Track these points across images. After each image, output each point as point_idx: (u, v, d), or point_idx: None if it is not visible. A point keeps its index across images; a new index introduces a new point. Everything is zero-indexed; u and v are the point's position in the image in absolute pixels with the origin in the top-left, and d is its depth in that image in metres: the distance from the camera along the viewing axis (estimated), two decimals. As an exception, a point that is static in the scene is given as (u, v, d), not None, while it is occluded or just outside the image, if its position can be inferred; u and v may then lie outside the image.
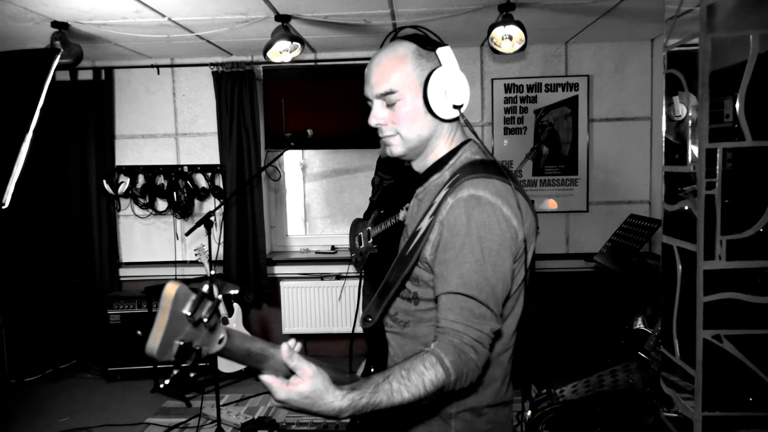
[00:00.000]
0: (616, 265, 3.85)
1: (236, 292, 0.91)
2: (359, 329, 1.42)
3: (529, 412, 2.93)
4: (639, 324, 3.52)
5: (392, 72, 1.33)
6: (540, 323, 4.10)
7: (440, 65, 1.33)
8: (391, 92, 1.33)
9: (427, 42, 1.35)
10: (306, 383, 1.09)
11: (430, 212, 1.28)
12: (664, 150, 2.78)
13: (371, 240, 3.82)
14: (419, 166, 1.45)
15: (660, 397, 2.76)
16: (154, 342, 0.83)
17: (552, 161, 4.73)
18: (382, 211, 3.77)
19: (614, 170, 4.75)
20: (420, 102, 1.33)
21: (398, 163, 4.10)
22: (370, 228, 3.84)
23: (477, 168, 1.29)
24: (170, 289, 0.84)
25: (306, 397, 1.09)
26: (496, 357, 1.32)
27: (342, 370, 1.25)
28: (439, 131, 1.38)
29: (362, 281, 4.03)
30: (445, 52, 1.34)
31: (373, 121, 1.39)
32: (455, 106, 1.34)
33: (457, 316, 1.19)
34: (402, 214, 3.37)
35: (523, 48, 3.63)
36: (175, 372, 0.89)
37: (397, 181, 3.82)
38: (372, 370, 1.39)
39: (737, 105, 2.34)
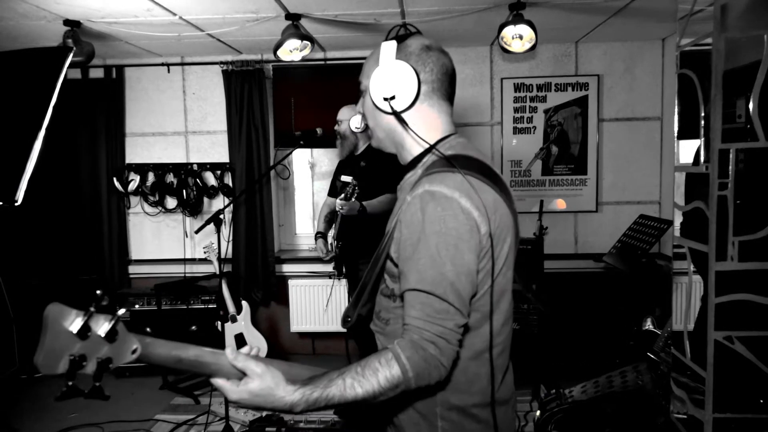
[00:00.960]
0: (625, 266, 3.84)
1: (120, 312, 0.94)
2: (313, 328, 1.44)
3: (538, 412, 2.92)
4: (648, 325, 3.51)
5: (365, 67, 1.44)
6: (549, 323, 4.08)
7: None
8: (361, 85, 1.45)
9: (403, 39, 1.39)
10: (255, 381, 1.14)
11: (397, 211, 1.30)
12: (675, 150, 2.77)
13: (333, 242, 3.89)
14: (402, 161, 1.46)
15: (670, 398, 2.75)
16: (37, 358, 0.90)
17: (561, 161, 4.72)
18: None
19: (624, 170, 4.73)
20: None
21: (351, 163, 4.04)
22: (331, 231, 3.93)
23: (443, 163, 1.28)
24: (48, 311, 0.90)
25: (257, 395, 1.13)
26: (477, 355, 1.29)
27: (311, 368, 1.26)
28: (392, 126, 1.40)
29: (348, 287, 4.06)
30: (383, 47, 1.36)
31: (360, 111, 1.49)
32: (385, 99, 1.34)
33: (418, 312, 1.18)
34: (337, 204, 3.57)
35: (533, 47, 3.62)
36: (69, 383, 0.95)
37: (358, 181, 3.80)
38: None
39: (750, 105, 2.32)
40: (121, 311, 0.98)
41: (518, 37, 3.55)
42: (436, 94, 1.38)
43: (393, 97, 1.34)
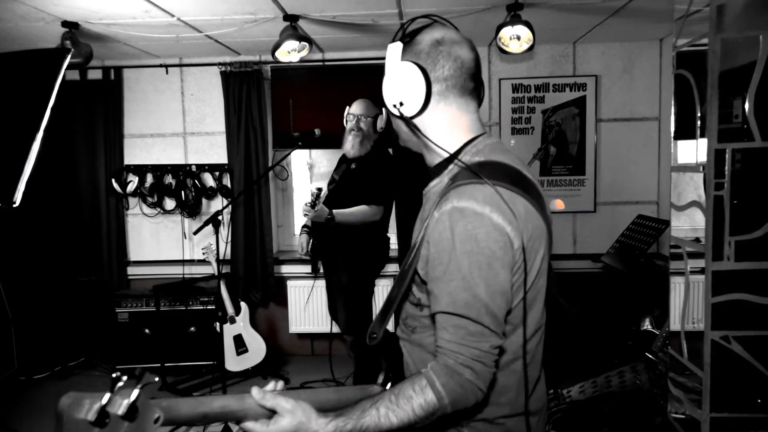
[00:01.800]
0: (623, 266, 3.84)
1: (134, 398, 0.90)
2: (311, 329, 1.40)
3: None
4: (646, 325, 3.52)
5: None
6: (549, 323, 4.08)
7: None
8: None
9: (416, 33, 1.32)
10: (286, 418, 1.10)
11: (423, 225, 1.23)
12: (672, 151, 2.78)
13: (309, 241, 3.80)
14: (428, 164, 1.38)
15: (667, 397, 2.75)
16: None
17: (559, 161, 4.72)
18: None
19: (622, 171, 4.74)
20: None
21: (343, 163, 3.96)
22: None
23: (469, 173, 1.19)
24: (62, 404, 0.86)
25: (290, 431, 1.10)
26: (505, 366, 1.24)
27: (336, 389, 1.25)
28: (423, 129, 1.30)
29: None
30: (388, 50, 1.30)
31: None
32: (394, 105, 1.27)
33: (452, 336, 1.13)
34: (302, 210, 3.44)
35: (531, 48, 3.62)
36: None
37: (338, 183, 3.71)
38: (390, 375, 1.37)
39: (746, 105, 2.33)
40: (139, 388, 0.90)
41: (516, 37, 3.56)
42: (453, 92, 1.27)
43: (401, 104, 1.26)
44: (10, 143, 2.03)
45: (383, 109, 3.63)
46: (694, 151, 2.58)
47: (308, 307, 4.87)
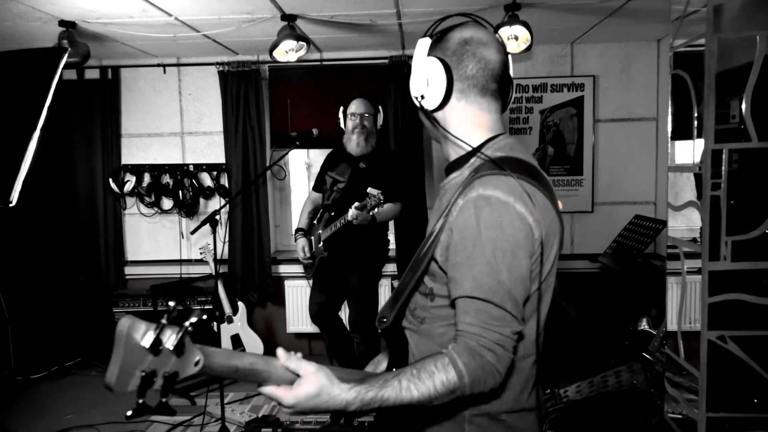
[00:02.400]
0: (620, 266, 3.85)
1: (195, 320, 0.91)
2: (309, 329, 1.40)
3: (532, 412, 2.92)
4: (643, 325, 3.52)
5: None
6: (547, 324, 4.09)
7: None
8: None
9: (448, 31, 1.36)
10: (310, 382, 1.11)
11: (444, 213, 1.24)
12: (669, 151, 2.78)
13: (321, 244, 3.69)
14: (446, 158, 1.41)
15: (664, 397, 2.76)
16: (110, 377, 0.87)
17: (557, 161, 4.73)
18: (332, 213, 3.66)
19: (619, 171, 4.74)
20: None
21: (345, 162, 3.98)
22: (321, 231, 3.70)
23: (492, 166, 1.23)
24: (122, 326, 0.87)
25: (314, 395, 1.11)
26: (517, 362, 1.26)
27: (352, 371, 1.25)
28: (444, 123, 1.34)
29: (312, 285, 3.86)
30: (417, 44, 1.34)
31: None
32: (415, 98, 1.33)
33: (474, 319, 1.15)
34: (351, 213, 3.29)
35: (528, 48, 3.62)
36: (140, 401, 0.91)
37: (348, 183, 3.68)
38: (394, 368, 1.37)
39: (743, 106, 2.33)
40: (189, 324, 0.94)
41: (514, 37, 3.56)
42: (473, 92, 1.30)
43: (422, 97, 1.31)
44: (7, 142, 2.02)
45: (380, 107, 3.71)
46: (691, 151, 2.58)
47: (305, 307, 4.85)
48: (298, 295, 4.86)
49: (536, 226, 1.19)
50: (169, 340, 0.92)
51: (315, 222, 3.83)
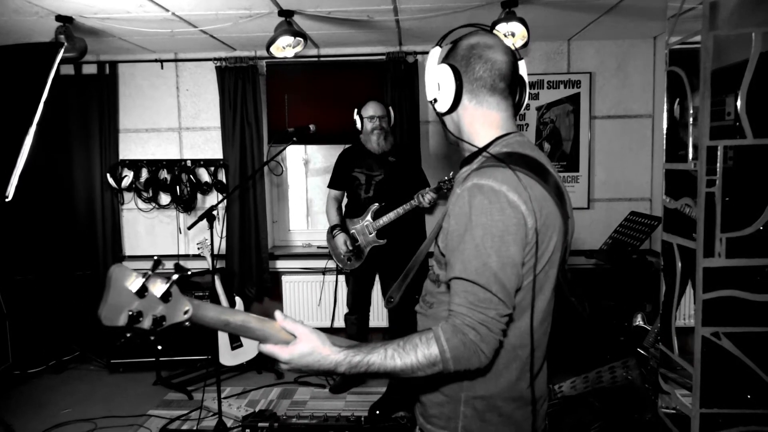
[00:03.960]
0: (616, 262, 3.86)
1: (183, 273, 1.06)
2: (337, 324, 1.51)
3: (527, 408, 2.94)
4: (639, 321, 3.53)
5: None
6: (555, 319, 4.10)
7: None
8: None
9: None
10: (304, 341, 1.22)
11: (448, 203, 1.35)
12: (665, 147, 2.79)
13: (374, 233, 3.90)
14: (462, 155, 1.51)
15: (658, 393, 2.78)
16: (100, 311, 1.02)
17: (553, 158, 4.73)
18: (383, 204, 3.94)
19: (616, 167, 4.76)
20: None
21: (372, 159, 4.15)
22: (369, 222, 3.91)
23: (494, 160, 1.30)
24: (112, 271, 1.03)
25: (306, 353, 1.21)
26: (510, 349, 1.31)
27: (345, 340, 1.32)
28: (455, 124, 1.45)
29: (350, 278, 4.13)
30: (430, 54, 1.46)
31: None
32: (430, 102, 1.44)
33: (462, 300, 1.21)
34: (428, 198, 3.78)
35: (525, 45, 3.63)
36: (128, 335, 1.15)
37: (386, 176, 3.93)
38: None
39: (739, 103, 2.34)
40: (176, 276, 1.08)
41: (510, 34, 3.56)
42: (482, 92, 1.38)
43: (435, 100, 1.42)
44: (3, 137, 2.03)
45: (390, 108, 4.05)
46: (686, 148, 2.59)
47: (303, 302, 4.89)
48: (295, 290, 4.88)
49: (529, 215, 1.23)
50: (158, 288, 1.06)
51: (346, 217, 4.14)
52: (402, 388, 1.47)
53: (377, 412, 3.55)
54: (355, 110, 3.95)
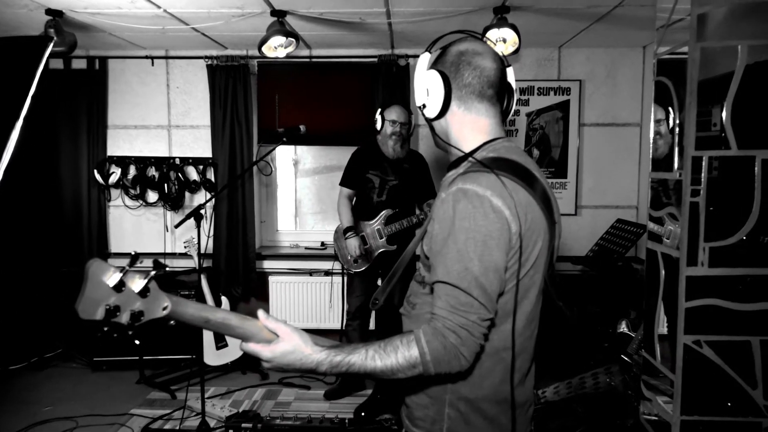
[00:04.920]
0: (602, 269, 3.89)
1: (154, 273, 1.07)
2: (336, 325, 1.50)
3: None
4: (623, 327, 3.56)
5: None
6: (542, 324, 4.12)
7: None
8: None
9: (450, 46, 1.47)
10: (286, 340, 1.22)
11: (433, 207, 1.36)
12: (651, 156, 2.81)
13: (385, 239, 3.91)
14: (450, 160, 1.51)
15: (640, 399, 2.80)
16: (78, 305, 1.04)
17: (542, 164, 4.76)
18: (397, 210, 3.92)
19: (603, 175, 4.79)
20: None
21: (386, 163, 4.16)
22: (380, 227, 3.87)
23: (479, 165, 1.31)
24: (89, 265, 1.04)
25: (288, 352, 1.21)
26: (494, 352, 1.32)
27: (327, 340, 1.32)
28: (443, 129, 1.45)
29: (354, 279, 4.09)
30: (419, 59, 1.47)
31: None
32: (419, 107, 1.45)
33: (443, 303, 1.22)
34: (424, 212, 3.78)
35: (516, 51, 3.65)
36: (105, 329, 1.09)
37: (400, 182, 3.91)
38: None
39: (724, 114, 2.37)
40: (154, 272, 1.09)
41: (502, 40, 3.58)
42: (471, 98, 1.39)
43: (424, 106, 1.43)
44: (-11, 131, 2.01)
45: (412, 116, 4.00)
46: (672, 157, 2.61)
47: (289, 302, 4.88)
48: (281, 290, 4.87)
49: (513, 220, 1.24)
50: (136, 284, 1.07)
51: (362, 218, 4.03)
52: (387, 391, 1.48)
53: (362, 414, 3.55)
54: (378, 110, 3.86)
